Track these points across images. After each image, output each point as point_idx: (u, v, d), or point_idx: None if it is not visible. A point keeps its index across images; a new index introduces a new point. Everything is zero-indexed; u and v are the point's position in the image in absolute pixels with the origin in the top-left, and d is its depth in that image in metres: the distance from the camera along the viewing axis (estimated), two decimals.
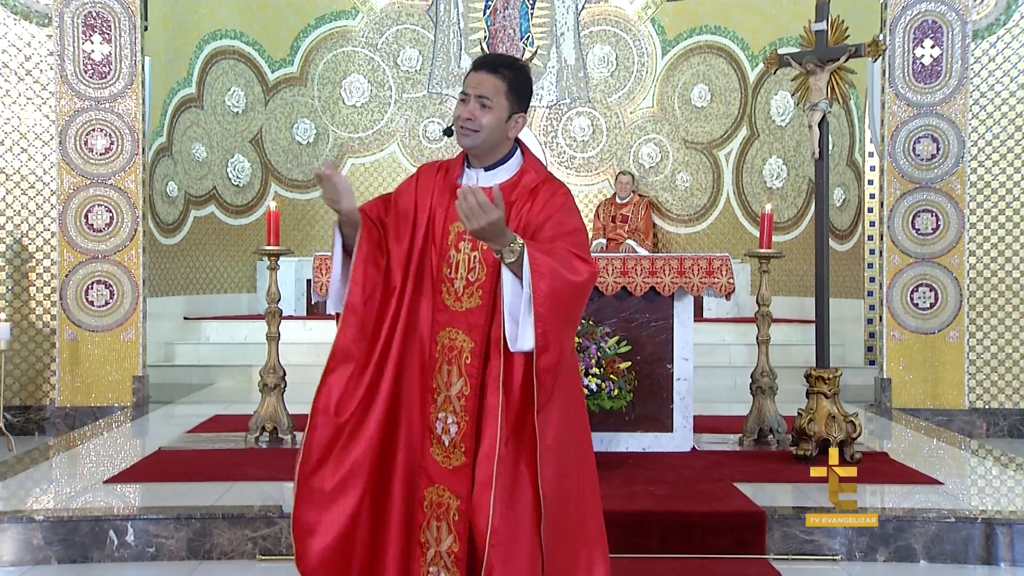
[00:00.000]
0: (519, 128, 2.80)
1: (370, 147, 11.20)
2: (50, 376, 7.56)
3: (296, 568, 2.77)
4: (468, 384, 2.71)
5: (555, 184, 2.78)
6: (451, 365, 2.73)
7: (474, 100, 2.72)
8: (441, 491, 2.73)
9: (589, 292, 2.67)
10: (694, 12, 10.86)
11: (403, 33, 11.14)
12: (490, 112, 2.72)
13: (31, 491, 5.04)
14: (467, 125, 2.73)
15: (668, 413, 5.69)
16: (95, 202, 7.52)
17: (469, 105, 2.72)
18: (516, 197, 2.74)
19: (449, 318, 2.75)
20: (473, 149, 2.78)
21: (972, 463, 5.81)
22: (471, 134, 2.73)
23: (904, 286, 7.58)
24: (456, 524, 2.70)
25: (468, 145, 2.76)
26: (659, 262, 5.62)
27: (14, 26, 7.55)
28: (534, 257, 2.51)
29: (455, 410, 2.72)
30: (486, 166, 2.81)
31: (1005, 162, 7.65)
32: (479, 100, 2.72)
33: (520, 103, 2.78)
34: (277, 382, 6.00)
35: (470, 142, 2.75)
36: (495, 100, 2.72)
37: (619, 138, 11.29)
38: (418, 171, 2.95)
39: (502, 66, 2.76)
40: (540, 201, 2.72)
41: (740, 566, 4.26)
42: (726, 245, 10.47)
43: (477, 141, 2.74)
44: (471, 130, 2.73)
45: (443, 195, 2.81)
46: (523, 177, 2.79)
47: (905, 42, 7.58)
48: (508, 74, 2.75)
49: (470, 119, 2.72)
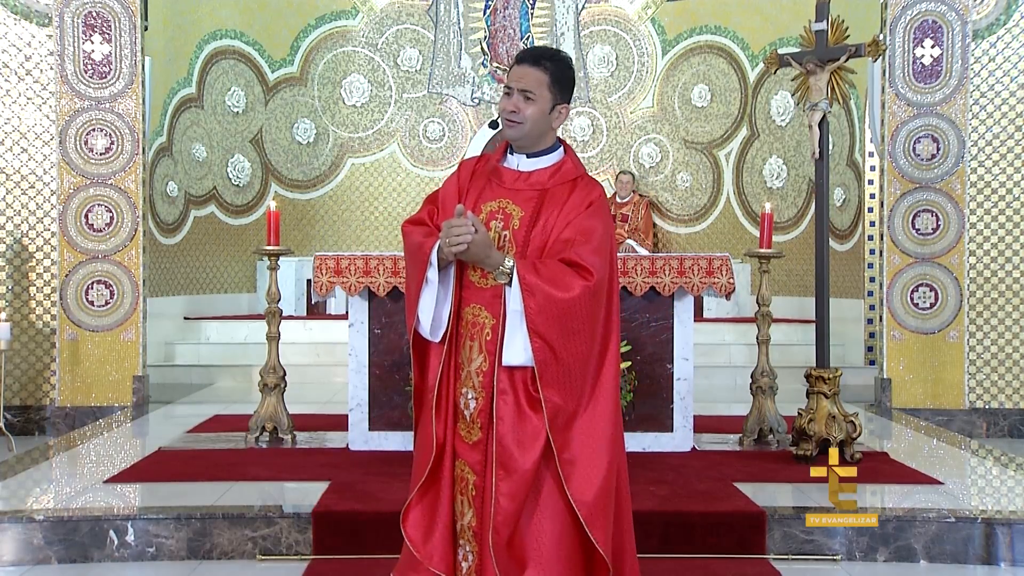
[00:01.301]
0: (563, 119, 2.90)
1: (370, 147, 11.20)
2: (50, 376, 7.56)
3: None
4: (487, 360, 2.78)
5: (592, 182, 2.89)
6: (473, 341, 2.81)
7: (517, 93, 2.82)
8: (463, 466, 2.82)
9: (590, 302, 2.74)
10: (694, 12, 10.86)
11: (403, 33, 11.14)
12: (533, 104, 2.82)
13: (31, 491, 5.04)
14: (512, 117, 2.83)
15: (668, 413, 5.69)
16: (95, 202, 7.52)
17: (513, 98, 2.82)
18: (554, 185, 2.85)
19: (474, 295, 2.82)
20: (519, 140, 2.88)
21: (972, 463, 5.81)
22: (516, 126, 2.84)
23: (904, 286, 7.58)
24: (474, 499, 2.79)
25: (514, 136, 2.87)
26: (659, 262, 5.62)
27: (14, 26, 7.55)
28: (524, 278, 2.67)
29: (474, 385, 2.80)
30: (529, 153, 2.90)
31: (1005, 162, 7.65)
32: (522, 93, 2.82)
33: (563, 94, 2.88)
34: (277, 382, 6.00)
35: (516, 133, 2.86)
36: (538, 92, 2.82)
37: (619, 138, 11.29)
38: (459, 166, 3.05)
39: (544, 58, 2.86)
40: (575, 198, 2.82)
41: (740, 566, 4.26)
42: (726, 245, 10.47)
43: (522, 132, 2.85)
44: (516, 122, 2.83)
45: (479, 179, 2.93)
46: (563, 166, 2.90)
47: (905, 42, 7.58)
48: (550, 66, 2.85)
49: (515, 111, 2.82)
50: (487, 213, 2.86)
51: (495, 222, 2.84)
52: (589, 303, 2.73)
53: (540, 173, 2.87)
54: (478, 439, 2.78)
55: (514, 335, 2.72)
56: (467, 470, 2.80)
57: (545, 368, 2.69)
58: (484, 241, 2.69)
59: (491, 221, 2.85)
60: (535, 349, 2.68)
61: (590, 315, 2.75)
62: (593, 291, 2.73)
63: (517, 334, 2.71)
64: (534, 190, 2.85)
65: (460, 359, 2.84)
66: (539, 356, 2.68)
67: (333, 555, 4.31)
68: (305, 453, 5.73)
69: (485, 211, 2.87)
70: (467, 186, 2.93)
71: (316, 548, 4.35)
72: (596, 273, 2.72)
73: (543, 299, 2.67)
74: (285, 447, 5.87)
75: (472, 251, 2.68)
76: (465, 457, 2.81)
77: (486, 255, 2.70)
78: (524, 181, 2.87)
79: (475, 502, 2.78)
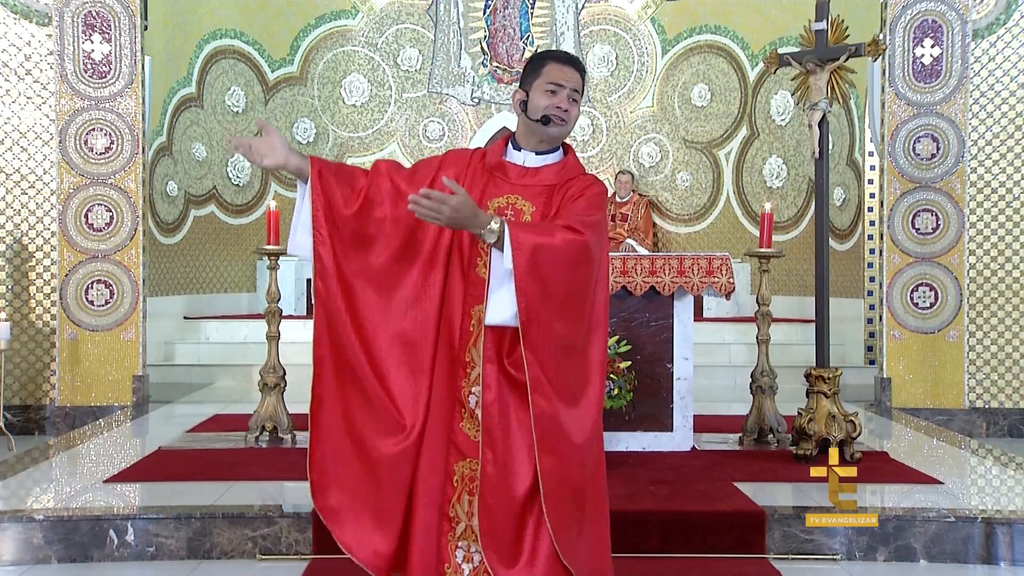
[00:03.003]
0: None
1: (370, 147, 11.20)
2: (50, 376, 7.56)
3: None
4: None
5: (594, 179, 2.90)
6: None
7: (569, 92, 2.82)
8: (473, 465, 2.75)
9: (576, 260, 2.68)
10: (694, 12, 10.86)
11: (403, 33, 11.14)
12: (576, 105, 2.84)
13: (31, 491, 5.04)
14: (564, 116, 2.82)
15: (668, 413, 5.68)
16: (95, 202, 7.52)
17: (563, 96, 2.81)
18: (559, 180, 2.84)
19: (482, 292, 2.77)
20: (560, 139, 2.88)
21: (972, 463, 5.81)
22: (563, 125, 2.83)
23: (904, 286, 7.58)
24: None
25: (558, 135, 2.85)
26: (659, 261, 5.62)
27: (14, 26, 7.55)
28: (515, 234, 2.60)
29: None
30: (539, 151, 2.89)
31: (1005, 162, 7.66)
32: (572, 94, 2.83)
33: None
34: (277, 382, 6.00)
35: (560, 132, 2.85)
36: (580, 96, 2.86)
37: (619, 137, 11.29)
38: (446, 154, 3.01)
39: (582, 68, 2.90)
40: (579, 185, 2.83)
41: (740, 566, 4.26)
42: (726, 245, 10.47)
43: (565, 132, 2.85)
44: (564, 120, 2.83)
45: (481, 175, 2.89)
46: (568, 163, 2.90)
47: (905, 42, 7.58)
48: (584, 76, 2.90)
49: (566, 110, 2.82)
50: (494, 209, 2.82)
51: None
52: (576, 262, 2.67)
53: (548, 169, 2.85)
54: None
55: (499, 290, 2.64)
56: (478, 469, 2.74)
57: (529, 327, 2.61)
58: (467, 201, 2.57)
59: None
60: (521, 308, 2.59)
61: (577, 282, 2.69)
62: (580, 248, 2.66)
63: (503, 290, 2.63)
64: (542, 186, 2.83)
65: (469, 357, 2.77)
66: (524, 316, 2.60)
67: (333, 555, 4.29)
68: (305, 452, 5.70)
69: (492, 207, 2.82)
70: (467, 183, 2.85)
71: (316, 548, 4.35)
72: (586, 234, 2.68)
73: (531, 251, 2.59)
74: (285, 447, 5.88)
75: (461, 212, 2.56)
76: (473, 456, 2.74)
77: (473, 214, 2.58)
78: (532, 177, 2.85)
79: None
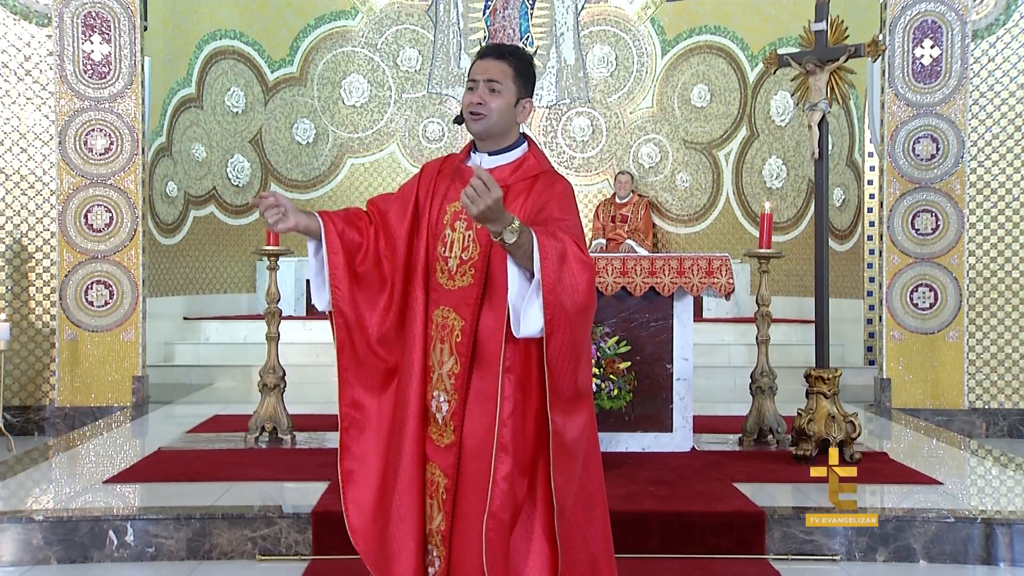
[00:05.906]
0: (527, 114, 2.83)
1: (370, 147, 11.20)
2: (50, 376, 7.56)
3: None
4: (458, 363, 2.72)
5: (556, 176, 2.81)
6: (443, 343, 2.76)
7: (483, 85, 2.75)
8: (434, 469, 2.77)
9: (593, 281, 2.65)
10: (694, 12, 10.86)
11: (403, 33, 11.14)
12: (499, 96, 2.75)
13: (31, 491, 5.04)
14: (477, 110, 2.75)
15: (668, 413, 5.69)
16: (95, 202, 7.52)
17: (478, 91, 2.76)
18: (515, 181, 2.77)
19: (442, 297, 2.77)
20: (483, 134, 2.79)
21: (972, 463, 5.81)
22: (481, 119, 2.76)
23: (904, 286, 7.58)
24: (444, 503, 2.74)
25: (479, 130, 2.78)
26: (659, 262, 5.62)
27: (14, 26, 7.55)
28: (543, 242, 2.50)
29: (446, 388, 2.75)
30: (491, 151, 2.83)
31: (1005, 162, 7.66)
32: (488, 84, 2.75)
33: (526, 87, 2.82)
34: (277, 382, 6.00)
35: (481, 127, 2.77)
36: (504, 84, 2.76)
37: (619, 138, 11.29)
38: (422, 168, 2.99)
39: (507, 52, 2.81)
40: (538, 188, 2.74)
41: (740, 566, 4.26)
42: (726, 245, 10.47)
43: (487, 125, 2.76)
44: (481, 115, 2.76)
45: (443, 180, 2.85)
46: (525, 162, 2.82)
47: (905, 42, 7.58)
48: (513, 60, 2.80)
49: (480, 103, 2.75)
50: (451, 214, 2.79)
51: (459, 222, 2.77)
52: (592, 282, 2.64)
53: (501, 170, 2.76)
54: (450, 442, 2.73)
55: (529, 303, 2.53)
56: (438, 473, 2.75)
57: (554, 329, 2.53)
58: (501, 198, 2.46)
59: (455, 222, 2.78)
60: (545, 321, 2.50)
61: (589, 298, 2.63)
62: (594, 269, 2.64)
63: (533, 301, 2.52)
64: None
65: (431, 362, 2.78)
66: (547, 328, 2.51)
67: (333, 555, 4.30)
68: (304, 453, 5.73)
69: (450, 212, 2.80)
70: (431, 187, 2.85)
71: (316, 548, 4.35)
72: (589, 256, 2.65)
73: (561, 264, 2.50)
74: (285, 447, 5.88)
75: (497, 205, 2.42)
76: (435, 460, 2.76)
77: (502, 211, 2.45)
78: None
79: (445, 506, 2.73)
